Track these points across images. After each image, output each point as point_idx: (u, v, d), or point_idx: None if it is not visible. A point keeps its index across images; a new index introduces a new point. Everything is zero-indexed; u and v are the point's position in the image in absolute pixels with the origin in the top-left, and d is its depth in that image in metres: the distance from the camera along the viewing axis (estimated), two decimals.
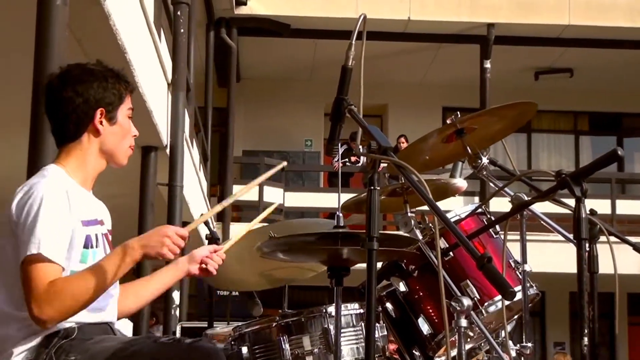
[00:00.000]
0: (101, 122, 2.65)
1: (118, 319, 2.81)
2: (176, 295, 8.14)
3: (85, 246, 2.57)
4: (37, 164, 3.81)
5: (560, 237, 3.11)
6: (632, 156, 19.41)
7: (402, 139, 15.80)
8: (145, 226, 7.66)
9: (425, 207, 2.22)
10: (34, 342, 2.50)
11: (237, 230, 13.22)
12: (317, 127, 17.97)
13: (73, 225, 2.52)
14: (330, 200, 14.99)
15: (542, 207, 2.99)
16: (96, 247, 2.63)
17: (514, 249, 3.06)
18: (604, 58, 16.14)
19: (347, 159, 15.11)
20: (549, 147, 19.00)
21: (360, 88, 2.50)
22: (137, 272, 6.26)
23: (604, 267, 2.87)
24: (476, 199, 14.16)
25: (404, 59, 16.44)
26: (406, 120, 17.49)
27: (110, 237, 2.76)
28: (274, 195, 15.16)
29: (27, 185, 2.53)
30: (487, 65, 14.96)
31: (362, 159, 15.23)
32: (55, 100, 2.66)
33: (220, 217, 14.00)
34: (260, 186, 14.94)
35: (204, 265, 2.84)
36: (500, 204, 3.39)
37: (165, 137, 7.72)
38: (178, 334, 7.54)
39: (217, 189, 14.80)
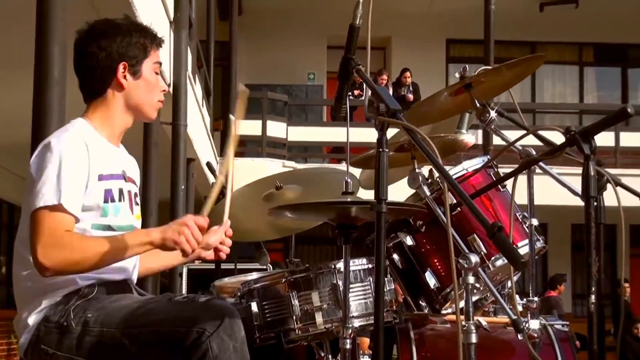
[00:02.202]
0: (125, 77, 2.65)
1: (140, 277, 2.83)
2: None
3: (106, 200, 2.58)
4: (42, 110, 3.81)
5: (564, 170, 3.12)
6: (636, 87, 19.34)
7: (407, 73, 15.69)
8: (150, 165, 7.66)
9: None
10: (54, 299, 2.53)
11: (240, 165, 13.11)
12: (320, 60, 17.86)
13: (91, 179, 2.53)
14: (333, 134, 14.97)
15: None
16: (119, 201, 2.63)
17: (521, 196, 3.05)
18: None
19: (350, 93, 15.02)
20: (554, 78, 18.88)
21: (367, 42, 2.47)
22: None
23: (608, 199, 2.88)
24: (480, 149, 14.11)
25: None
26: (410, 53, 17.37)
27: (138, 197, 2.76)
28: (277, 130, 15.14)
29: (48, 139, 2.54)
30: None
31: (365, 93, 15.13)
32: (80, 55, 2.68)
33: (223, 152, 13.98)
34: (264, 121, 14.91)
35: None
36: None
37: (168, 75, 7.67)
38: (184, 277, 7.60)
39: (220, 123, 14.76)
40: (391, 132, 2.41)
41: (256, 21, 17.26)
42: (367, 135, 11.64)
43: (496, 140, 12.57)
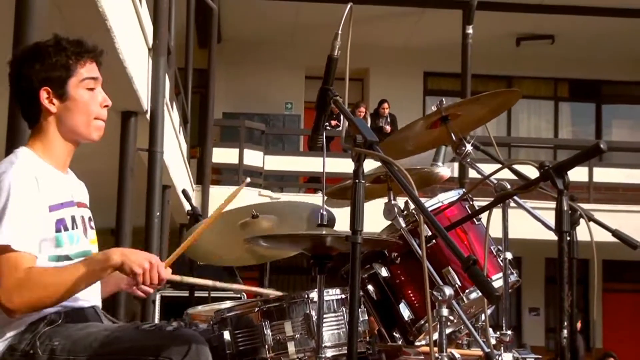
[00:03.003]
0: (52, 101, 2.57)
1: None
2: None
3: (58, 230, 2.53)
4: (16, 138, 3.78)
5: (537, 205, 3.14)
6: (609, 123, 19.56)
7: (385, 104, 15.78)
8: (125, 192, 7.63)
9: None
10: (19, 328, 2.49)
11: (217, 193, 13.15)
12: (297, 90, 17.92)
13: (41, 212, 2.48)
14: (310, 164, 14.99)
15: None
16: (72, 228, 2.59)
17: (496, 229, 3.07)
18: (585, 25, 16.16)
19: (327, 124, 15.08)
20: (529, 113, 19.05)
21: (345, 73, 2.49)
22: None
23: (581, 234, 2.90)
24: (456, 182, 14.20)
25: (387, 23, 16.37)
26: (388, 85, 17.48)
27: (92, 221, 2.74)
28: (254, 159, 15.14)
29: None
30: (470, 30, 14.93)
31: (342, 123, 15.20)
32: (10, 85, 2.62)
33: (200, 180, 13.97)
34: (241, 150, 14.90)
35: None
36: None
37: (145, 102, 7.65)
38: (157, 304, 7.54)
39: (197, 150, 14.74)
40: (368, 164, 2.43)
41: (235, 50, 17.31)
42: (343, 165, 11.63)
43: (472, 173, 12.65)
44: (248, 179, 3.08)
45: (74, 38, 2.65)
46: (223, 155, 14.96)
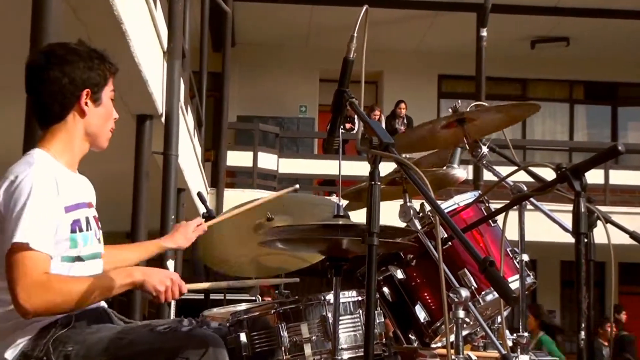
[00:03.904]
0: (86, 103, 2.62)
1: None
2: (170, 265, 8.15)
3: (73, 231, 2.55)
4: (33, 140, 3.80)
5: (553, 207, 3.13)
6: (625, 125, 19.45)
7: (402, 105, 15.77)
8: (140, 195, 7.65)
9: None
10: (31, 334, 2.49)
11: (231, 196, 13.19)
12: (311, 93, 17.93)
13: (59, 213, 2.50)
14: (324, 166, 14.99)
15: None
16: (87, 230, 2.61)
17: (512, 231, 3.06)
18: (600, 27, 16.10)
19: (341, 127, 15.05)
20: (544, 116, 18.98)
21: (361, 76, 2.49)
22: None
23: (597, 236, 2.88)
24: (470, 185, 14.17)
25: (401, 26, 16.37)
26: (402, 87, 17.46)
27: (98, 221, 2.75)
28: (268, 162, 15.16)
29: (13, 174, 2.47)
30: (484, 33, 14.89)
31: (357, 126, 15.20)
32: (40, 80, 2.61)
33: (214, 183, 14.00)
34: (255, 153, 14.93)
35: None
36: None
37: (160, 105, 7.68)
38: (172, 307, 7.55)
39: (212, 153, 14.77)
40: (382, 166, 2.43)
41: (249, 53, 17.34)
42: (357, 168, 11.69)
43: (486, 176, 12.62)
44: (297, 186, 3.17)
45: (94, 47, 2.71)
46: (237, 158, 14.99)
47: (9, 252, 2.37)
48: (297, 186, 3.13)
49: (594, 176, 13.43)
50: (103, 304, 2.71)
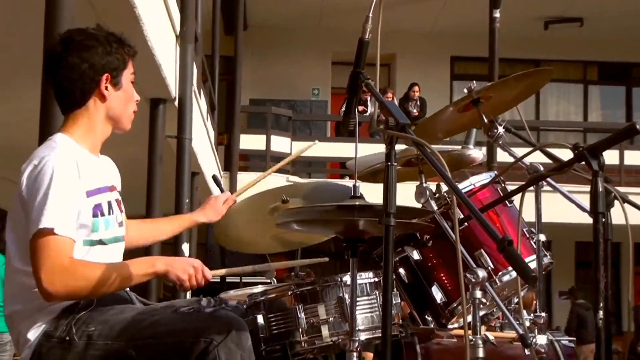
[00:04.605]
0: (107, 88, 2.64)
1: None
2: (185, 248, 8.18)
3: (95, 215, 2.56)
4: (49, 124, 3.81)
5: (569, 188, 3.11)
6: None
7: (416, 88, 15.72)
8: (154, 178, 7.67)
9: None
10: (53, 314, 2.51)
11: (244, 179, 13.27)
12: (324, 75, 17.89)
13: (81, 197, 2.51)
14: (337, 149, 14.98)
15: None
16: (109, 214, 2.63)
17: (528, 213, 3.05)
18: (614, 7, 15.98)
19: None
20: (558, 96, 18.90)
21: (376, 58, 2.49)
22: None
23: (614, 217, 2.87)
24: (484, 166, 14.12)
25: (413, 8, 16.28)
26: (414, 70, 17.40)
27: (121, 204, 2.77)
28: (281, 145, 15.16)
29: (37, 159, 2.49)
30: (497, 14, 14.73)
31: (370, 109, 15.17)
32: (59, 67, 2.64)
33: (227, 166, 14.02)
34: (268, 136, 14.93)
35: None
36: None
37: (173, 89, 7.68)
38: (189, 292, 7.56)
39: (225, 137, 14.78)
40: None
41: (261, 36, 17.31)
42: (369, 151, 11.61)
43: (500, 157, 12.58)
44: (316, 141, 3.17)
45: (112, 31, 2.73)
46: (250, 141, 15.00)
47: (34, 237, 2.39)
48: (317, 141, 3.12)
49: (609, 157, 13.33)
50: None
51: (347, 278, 2.81)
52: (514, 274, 2.88)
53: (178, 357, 2.44)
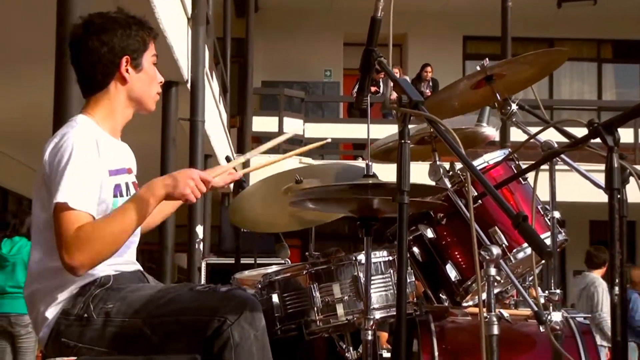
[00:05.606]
0: (127, 70, 2.66)
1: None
2: (199, 230, 8.20)
3: (115, 195, 2.59)
4: (63, 108, 3.83)
5: (583, 167, 3.10)
6: None
7: (428, 68, 15.65)
8: (168, 161, 7.70)
9: None
10: (71, 292, 2.53)
11: (258, 162, 13.17)
12: (336, 57, 17.84)
13: (102, 174, 2.54)
14: (350, 130, 14.96)
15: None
16: (127, 195, 2.65)
17: (541, 191, 3.04)
18: None
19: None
20: (572, 75, 18.78)
21: (389, 37, 2.48)
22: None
23: (630, 195, 2.85)
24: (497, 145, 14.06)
25: None
26: (426, 50, 17.32)
27: (138, 187, 2.78)
28: (294, 127, 15.15)
29: (58, 137, 2.55)
30: None
31: (381, 89, 15.13)
32: (80, 51, 2.67)
33: (240, 149, 14.03)
34: (280, 118, 14.92)
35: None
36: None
37: (185, 72, 7.70)
38: (203, 271, 7.61)
39: (237, 119, 14.79)
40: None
41: (273, 18, 17.27)
42: (381, 132, 11.60)
43: (513, 137, 12.53)
44: (329, 139, 3.13)
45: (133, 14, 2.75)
46: (263, 123, 15.00)
47: (53, 212, 2.42)
48: (329, 139, 3.11)
49: (623, 135, 13.28)
50: (139, 266, 2.74)
51: (361, 257, 2.82)
52: (528, 251, 2.88)
53: (192, 335, 2.46)
